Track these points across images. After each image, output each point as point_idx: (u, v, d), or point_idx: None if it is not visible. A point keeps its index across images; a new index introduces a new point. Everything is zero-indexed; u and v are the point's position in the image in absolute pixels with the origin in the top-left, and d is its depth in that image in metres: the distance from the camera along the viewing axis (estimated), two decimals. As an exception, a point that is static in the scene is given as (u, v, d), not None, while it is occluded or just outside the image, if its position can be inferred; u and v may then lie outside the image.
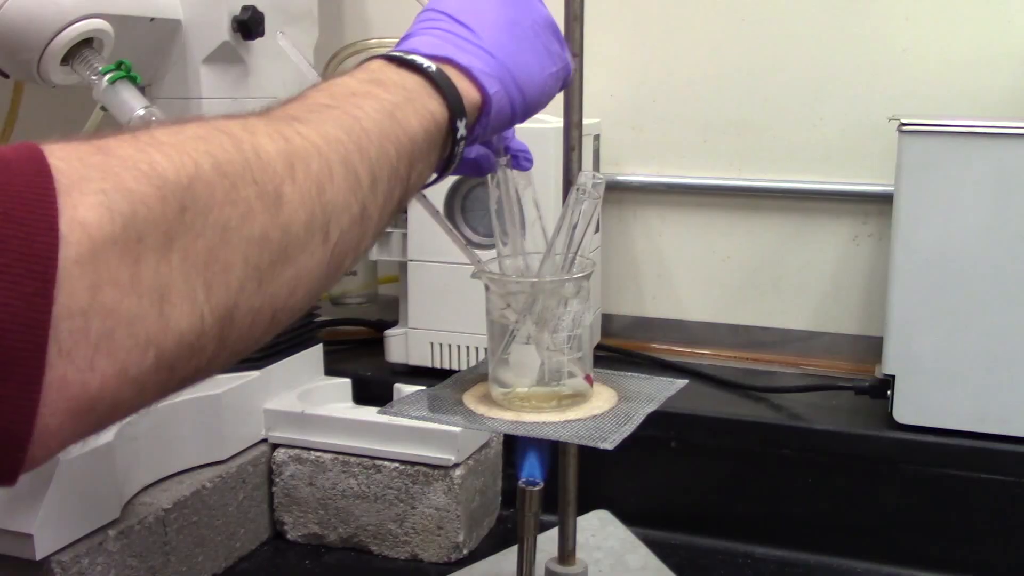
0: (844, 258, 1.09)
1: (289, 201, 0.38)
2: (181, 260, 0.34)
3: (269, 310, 0.39)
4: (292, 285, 0.39)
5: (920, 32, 1.03)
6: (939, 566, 0.88)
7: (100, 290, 0.32)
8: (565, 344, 0.59)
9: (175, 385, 0.37)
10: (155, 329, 0.34)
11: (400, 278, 1.07)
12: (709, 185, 1.13)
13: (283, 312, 0.40)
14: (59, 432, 0.33)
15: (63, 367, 0.31)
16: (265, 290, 0.38)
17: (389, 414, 0.61)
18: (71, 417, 0.33)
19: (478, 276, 0.60)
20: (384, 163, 0.44)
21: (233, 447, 0.88)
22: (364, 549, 0.90)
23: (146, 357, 0.34)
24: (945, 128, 0.84)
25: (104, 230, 0.32)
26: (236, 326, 0.37)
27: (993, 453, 0.86)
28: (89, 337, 0.32)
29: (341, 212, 0.41)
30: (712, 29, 1.11)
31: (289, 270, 0.39)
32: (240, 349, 0.39)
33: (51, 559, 0.69)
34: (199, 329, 0.35)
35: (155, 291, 0.34)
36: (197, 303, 0.35)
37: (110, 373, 0.33)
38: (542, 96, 0.56)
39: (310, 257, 0.40)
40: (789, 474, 0.92)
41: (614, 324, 1.18)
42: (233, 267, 0.36)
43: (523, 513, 0.63)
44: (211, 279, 0.35)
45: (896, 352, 0.88)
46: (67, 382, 0.32)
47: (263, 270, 0.37)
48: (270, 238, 0.38)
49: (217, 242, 0.36)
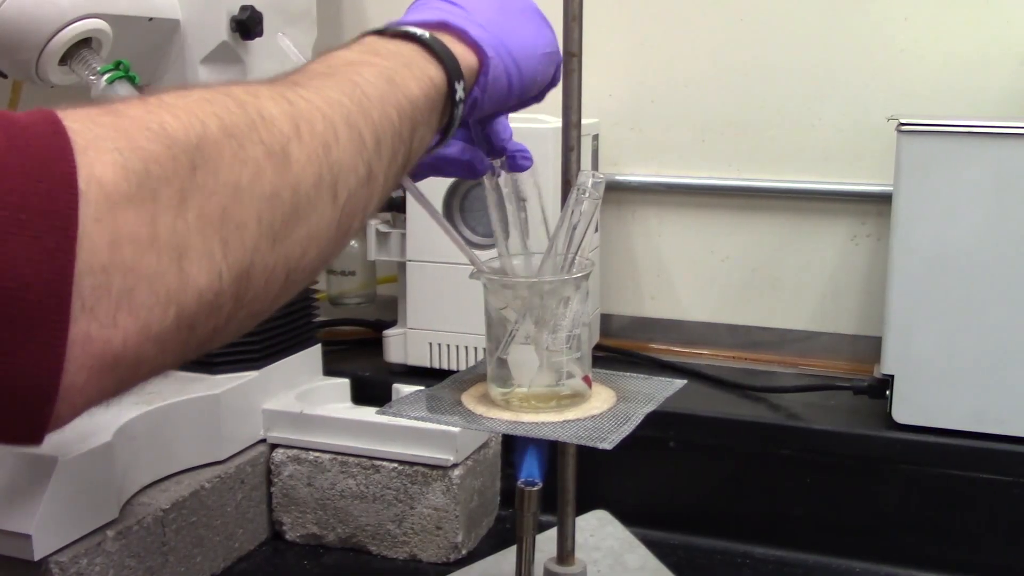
0: (843, 258, 1.10)
1: (297, 160, 0.39)
2: (197, 218, 0.35)
3: (283, 270, 0.39)
4: (304, 245, 0.40)
5: (919, 32, 1.04)
6: (938, 566, 0.88)
7: (120, 247, 0.32)
8: (564, 344, 0.59)
9: (195, 345, 0.37)
10: (175, 286, 0.34)
11: (399, 278, 1.07)
12: (708, 185, 1.13)
13: (297, 272, 0.40)
14: (84, 389, 0.33)
15: (86, 323, 0.32)
16: (279, 249, 0.38)
17: (388, 414, 0.61)
18: (96, 374, 0.33)
19: (477, 276, 0.60)
20: (387, 125, 0.44)
21: (232, 447, 0.88)
22: (363, 549, 0.90)
23: (167, 314, 0.34)
24: (944, 128, 0.84)
25: (120, 188, 0.33)
26: (252, 285, 0.38)
27: (992, 453, 0.86)
28: (111, 293, 0.32)
29: (348, 172, 0.42)
30: (711, 29, 1.11)
31: (301, 229, 0.39)
32: (256, 309, 0.39)
33: (49, 559, 0.69)
34: (217, 287, 0.36)
35: (173, 248, 0.34)
36: (215, 261, 0.36)
37: (133, 330, 0.33)
38: (537, 74, 0.56)
39: (320, 217, 0.40)
40: (788, 474, 0.92)
41: (613, 324, 1.18)
42: (247, 225, 0.37)
43: (522, 513, 0.63)
44: (227, 237, 0.36)
45: (895, 352, 0.88)
46: (91, 338, 0.32)
47: (276, 228, 0.38)
48: (281, 196, 0.38)
49: (230, 201, 0.36)
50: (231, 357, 0.90)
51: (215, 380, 0.88)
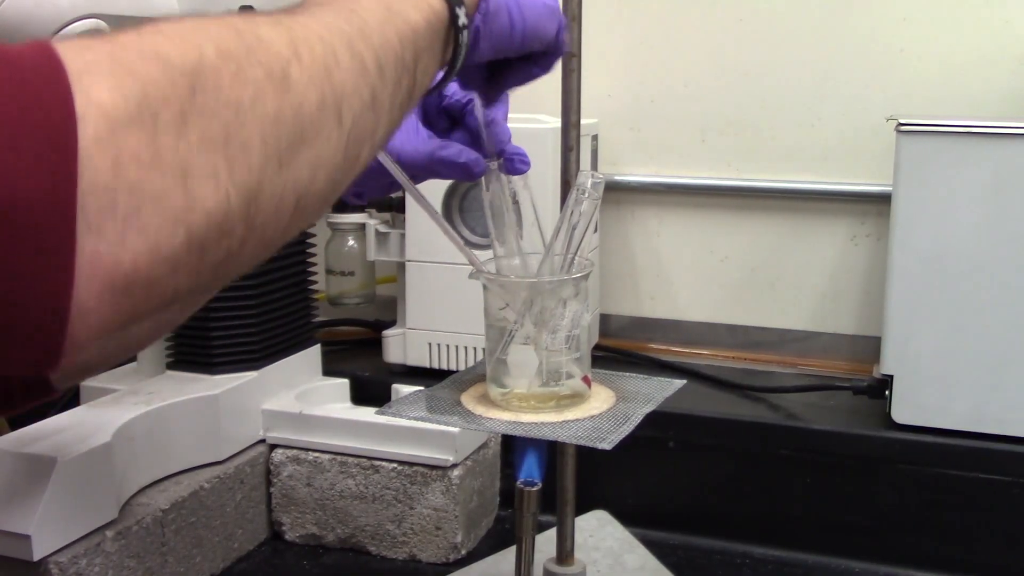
0: (842, 258, 1.10)
1: (298, 81, 0.39)
2: (199, 139, 0.35)
3: (293, 194, 0.39)
4: (312, 169, 0.40)
5: (918, 32, 1.04)
6: (937, 566, 0.88)
7: (123, 167, 0.33)
8: (563, 344, 0.59)
9: (208, 271, 0.37)
10: (182, 206, 0.34)
11: (398, 278, 1.07)
12: (707, 185, 1.13)
13: (307, 199, 0.40)
14: (98, 310, 0.33)
15: (94, 242, 0.32)
16: (286, 173, 0.38)
17: (387, 414, 0.61)
18: (108, 295, 0.33)
19: (476, 277, 0.60)
20: (388, 50, 0.44)
21: (231, 448, 0.88)
22: (362, 550, 0.90)
23: (176, 235, 0.34)
24: (943, 128, 0.84)
25: (119, 109, 0.33)
26: (262, 209, 0.37)
27: (991, 453, 0.86)
28: (117, 213, 0.32)
29: (351, 95, 0.41)
30: (710, 29, 1.11)
31: (307, 152, 0.39)
32: (269, 236, 0.39)
33: (49, 560, 0.69)
34: (226, 208, 0.36)
35: (177, 168, 0.34)
36: (221, 181, 0.35)
37: (142, 250, 0.33)
38: (539, 22, 0.55)
39: (326, 141, 0.40)
40: (787, 474, 0.92)
41: (612, 324, 1.18)
42: (252, 147, 0.37)
43: (521, 513, 0.63)
44: (232, 158, 0.36)
45: (894, 352, 0.88)
46: (99, 257, 0.32)
47: (282, 151, 0.38)
48: (284, 117, 0.38)
49: (232, 122, 0.36)
50: (230, 357, 0.90)
51: (214, 380, 0.88)
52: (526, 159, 0.63)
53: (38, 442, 0.73)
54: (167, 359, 0.92)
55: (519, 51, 0.55)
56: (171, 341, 0.91)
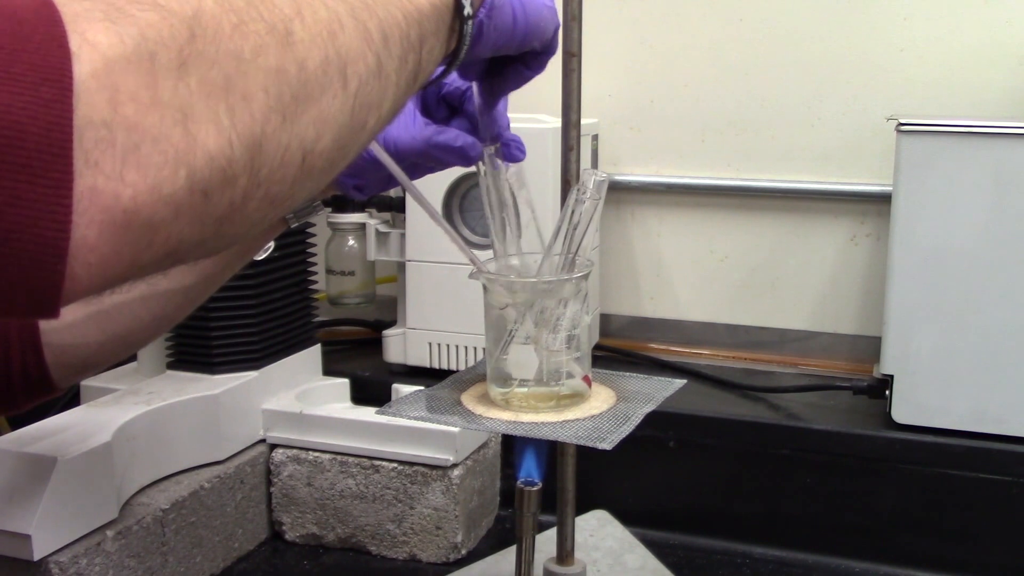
0: (842, 258, 1.10)
1: (300, 39, 0.38)
2: (199, 84, 0.35)
3: (298, 150, 0.39)
4: (317, 127, 0.39)
5: (918, 32, 1.04)
6: (937, 566, 0.88)
7: (120, 104, 0.32)
8: (564, 344, 0.59)
9: (212, 219, 0.37)
10: (183, 147, 0.34)
11: (398, 278, 1.07)
12: (707, 185, 1.13)
13: (313, 156, 0.40)
14: (97, 247, 0.33)
15: (92, 176, 0.32)
16: (290, 128, 0.38)
17: (387, 414, 0.61)
18: (108, 231, 0.33)
19: (476, 276, 0.60)
20: (393, 24, 0.44)
21: (231, 447, 0.88)
22: (362, 549, 0.90)
23: (177, 176, 0.34)
24: (943, 128, 0.84)
25: (115, 49, 0.33)
26: (266, 160, 0.37)
27: (991, 453, 0.86)
28: (115, 148, 0.32)
29: (356, 59, 0.41)
30: (710, 29, 1.11)
31: (312, 109, 0.39)
32: (275, 192, 0.39)
33: (49, 560, 0.69)
34: (229, 154, 0.35)
35: (177, 110, 0.34)
36: (223, 127, 0.35)
37: (142, 188, 0.33)
38: (540, 20, 0.55)
39: (331, 100, 0.40)
40: (787, 474, 0.92)
41: (612, 324, 1.18)
42: (254, 97, 0.36)
43: (521, 513, 0.63)
44: (233, 106, 0.36)
45: (894, 352, 0.88)
46: (98, 191, 0.32)
47: (285, 104, 0.38)
48: (287, 71, 0.38)
49: (233, 71, 0.36)
50: (230, 357, 0.90)
51: (215, 380, 0.88)
52: (522, 147, 0.63)
53: (38, 442, 0.73)
54: (167, 359, 0.92)
55: (518, 48, 0.55)
56: (171, 341, 0.91)
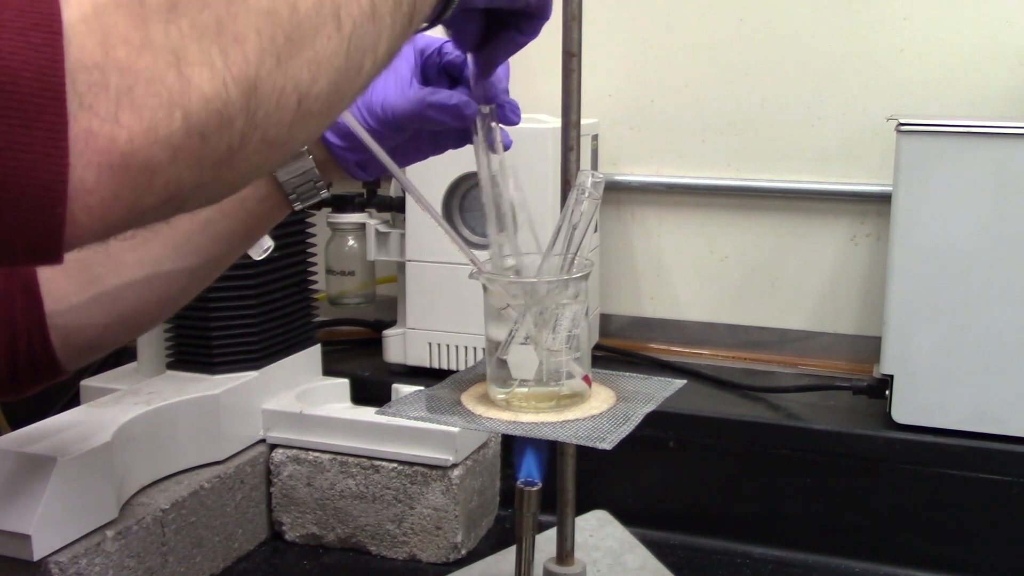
0: (842, 258, 1.10)
1: None
2: (190, 26, 0.35)
3: (294, 92, 0.38)
4: (312, 70, 0.39)
5: (918, 32, 1.04)
6: (937, 566, 0.88)
7: (112, 47, 0.32)
8: (564, 344, 0.59)
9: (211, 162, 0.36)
10: (177, 89, 0.34)
11: (398, 278, 1.07)
12: (707, 185, 1.13)
13: (309, 100, 0.39)
14: (96, 190, 0.33)
15: (87, 119, 0.32)
16: (285, 69, 0.38)
17: (387, 414, 0.61)
18: (106, 173, 0.33)
19: (476, 276, 0.60)
20: None
21: (231, 447, 0.88)
22: (362, 549, 0.90)
23: (173, 117, 0.34)
24: (943, 128, 0.84)
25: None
26: (262, 103, 0.37)
27: (991, 453, 0.86)
28: (109, 90, 0.32)
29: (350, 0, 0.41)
30: (710, 29, 1.11)
31: (306, 52, 0.39)
32: (272, 135, 0.38)
33: (49, 560, 0.69)
34: (224, 96, 0.35)
35: (169, 52, 0.34)
36: (216, 69, 0.35)
37: (137, 129, 0.33)
38: None
39: (326, 42, 0.40)
40: (787, 474, 0.92)
41: (612, 324, 1.18)
42: (246, 39, 0.36)
43: (521, 513, 0.63)
44: (226, 47, 0.35)
45: (894, 352, 0.88)
46: (93, 134, 0.32)
47: (279, 46, 0.37)
48: (279, 12, 0.38)
49: (224, 12, 0.36)
50: (230, 357, 0.90)
51: (215, 380, 0.88)
52: (517, 111, 0.63)
53: (38, 442, 0.73)
54: (167, 359, 0.92)
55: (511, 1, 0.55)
56: (171, 341, 0.91)
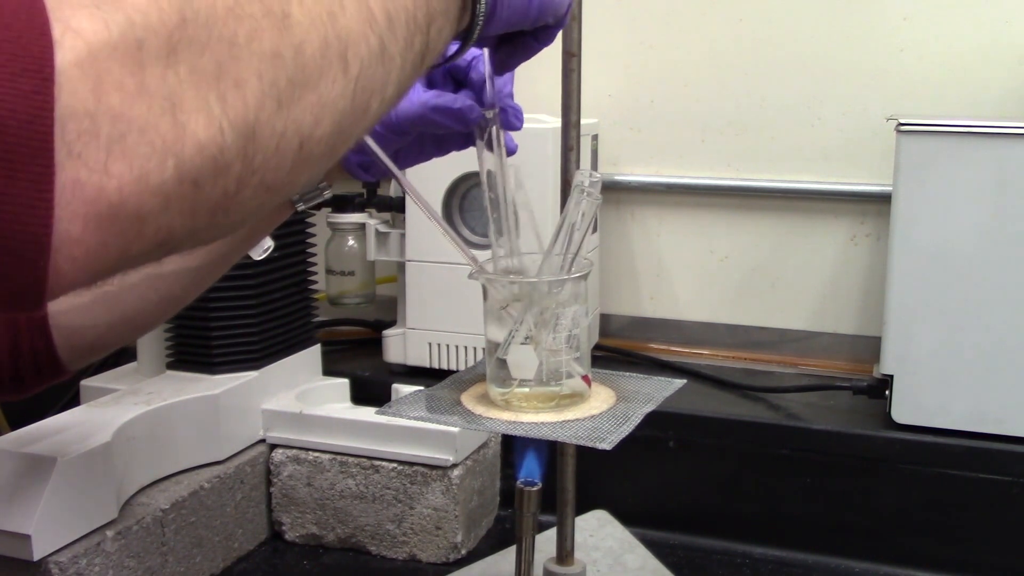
0: (842, 258, 1.10)
1: (298, 22, 0.37)
2: (189, 72, 0.34)
3: (295, 136, 0.38)
4: (316, 113, 0.38)
5: (918, 32, 1.04)
6: (937, 566, 0.88)
7: (105, 94, 0.32)
8: (564, 344, 0.59)
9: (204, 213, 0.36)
10: (171, 137, 0.33)
11: (398, 278, 1.07)
12: (707, 185, 1.13)
13: (311, 143, 0.38)
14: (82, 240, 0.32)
15: (75, 169, 0.31)
16: (286, 113, 0.37)
17: (387, 414, 0.61)
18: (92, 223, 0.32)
19: (476, 276, 0.60)
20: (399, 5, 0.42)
21: (231, 447, 0.88)
22: (362, 549, 0.90)
23: (165, 166, 0.33)
24: (943, 128, 0.84)
25: (100, 36, 0.32)
26: (261, 147, 0.36)
27: (991, 453, 0.86)
28: (99, 139, 0.31)
29: (358, 41, 0.40)
30: (710, 29, 1.11)
31: (310, 96, 0.38)
32: (271, 180, 0.37)
33: (49, 560, 0.69)
34: (220, 142, 0.34)
35: (165, 99, 0.33)
36: (213, 115, 0.34)
37: (128, 179, 0.32)
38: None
39: (331, 85, 0.39)
40: (787, 474, 0.92)
41: (612, 324, 1.18)
42: (247, 83, 0.35)
43: (521, 513, 0.63)
44: (224, 93, 0.35)
45: (894, 352, 0.88)
46: (81, 184, 0.31)
47: (281, 90, 0.36)
48: (282, 56, 0.37)
49: (225, 57, 0.35)
50: (231, 357, 0.90)
51: (214, 380, 0.88)
52: (521, 116, 0.63)
53: (38, 442, 0.73)
54: (167, 359, 0.92)
55: (532, 24, 0.54)
56: (171, 341, 0.91)
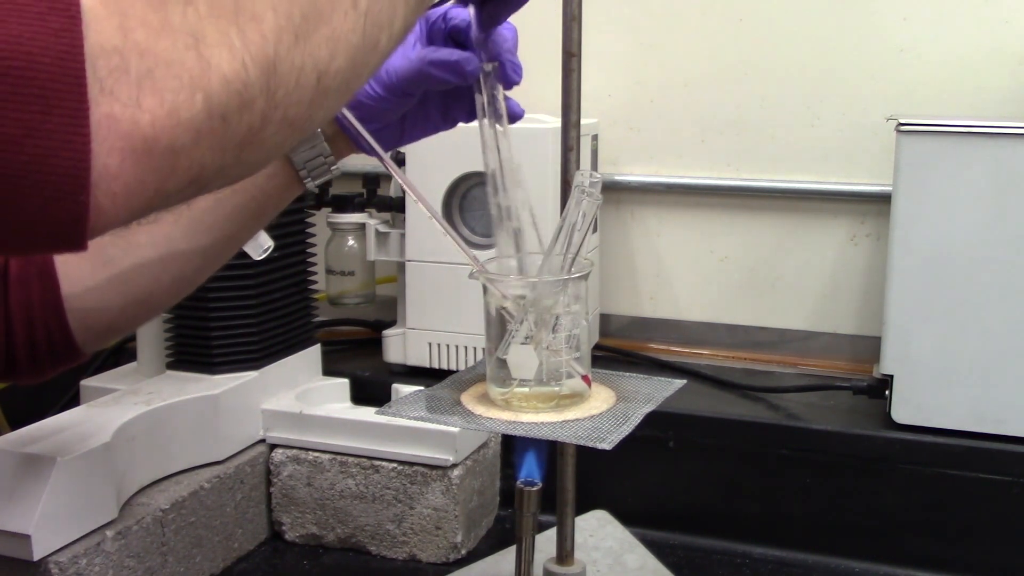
0: (842, 258, 1.10)
1: None
2: (208, 8, 0.35)
3: (312, 71, 0.39)
4: (331, 47, 0.40)
5: (918, 32, 1.04)
6: (937, 566, 0.88)
7: (131, 31, 0.33)
8: (564, 344, 0.59)
9: (232, 144, 0.37)
10: (197, 71, 0.34)
11: (398, 278, 1.07)
12: (707, 185, 1.13)
13: (328, 77, 0.40)
14: (120, 175, 0.33)
15: (108, 104, 0.32)
16: (303, 47, 0.38)
17: (387, 414, 0.61)
18: (129, 157, 0.33)
19: (476, 276, 0.60)
20: None
21: (231, 447, 0.88)
22: (362, 549, 0.90)
23: (194, 100, 0.34)
24: (943, 128, 0.84)
25: None
26: (282, 81, 0.37)
27: (991, 453, 0.86)
28: (129, 74, 0.33)
29: None
30: (710, 29, 1.11)
31: (323, 29, 0.39)
32: (293, 114, 0.39)
33: (49, 560, 0.69)
34: (244, 77, 0.36)
35: (188, 35, 0.34)
36: (235, 49, 0.35)
37: (160, 113, 0.33)
38: None
39: (343, 19, 0.40)
40: (787, 474, 0.92)
41: (612, 324, 1.18)
42: (263, 18, 0.37)
43: (521, 513, 0.63)
44: (243, 27, 0.36)
45: (894, 352, 0.88)
46: (115, 118, 0.32)
47: (296, 24, 0.38)
48: None
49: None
50: (231, 357, 0.90)
51: (214, 380, 0.88)
52: (519, 71, 0.62)
53: (38, 442, 0.73)
54: (167, 359, 0.92)
55: None
56: (171, 341, 0.91)
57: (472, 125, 0.64)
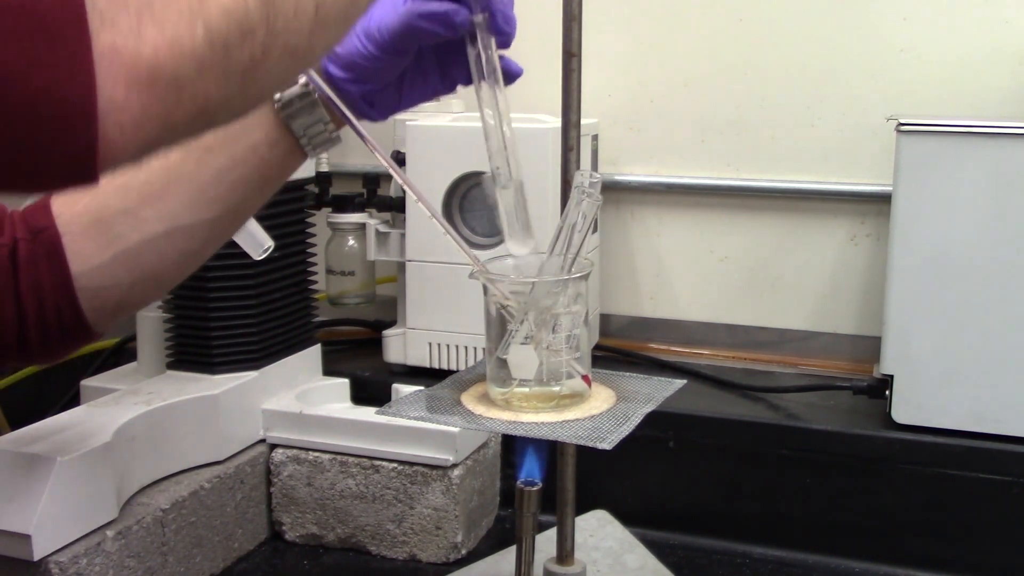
0: (842, 258, 1.10)
1: None
2: None
3: (311, 2, 0.40)
4: None
5: (918, 32, 1.04)
6: (937, 566, 0.88)
7: None
8: (564, 344, 0.59)
9: (236, 74, 0.37)
10: (195, 2, 0.35)
11: (398, 278, 1.07)
12: (707, 185, 1.13)
13: (325, 7, 0.40)
14: (126, 106, 0.33)
15: (110, 35, 0.33)
16: None
17: (387, 414, 0.61)
18: (134, 88, 0.33)
19: (476, 276, 0.60)
20: None
21: (231, 447, 0.88)
22: (362, 549, 0.90)
23: (195, 29, 0.35)
24: (943, 128, 0.84)
25: None
26: (280, 10, 0.38)
27: (991, 453, 0.86)
28: (128, 6, 0.33)
29: None
30: (710, 29, 1.11)
31: None
32: (293, 44, 0.39)
33: (49, 559, 0.69)
34: (242, 6, 0.36)
35: None
36: None
37: (161, 43, 0.34)
38: None
39: None
40: (787, 474, 0.92)
41: (612, 324, 1.18)
42: None
43: (521, 513, 0.63)
44: None
45: (894, 352, 0.88)
46: (118, 49, 0.33)
47: None
48: None
49: None
50: (231, 357, 0.90)
51: (214, 380, 0.88)
52: (512, 22, 0.61)
53: (38, 442, 0.73)
54: (167, 359, 0.92)
55: None
56: (171, 341, 0.91)
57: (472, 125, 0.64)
